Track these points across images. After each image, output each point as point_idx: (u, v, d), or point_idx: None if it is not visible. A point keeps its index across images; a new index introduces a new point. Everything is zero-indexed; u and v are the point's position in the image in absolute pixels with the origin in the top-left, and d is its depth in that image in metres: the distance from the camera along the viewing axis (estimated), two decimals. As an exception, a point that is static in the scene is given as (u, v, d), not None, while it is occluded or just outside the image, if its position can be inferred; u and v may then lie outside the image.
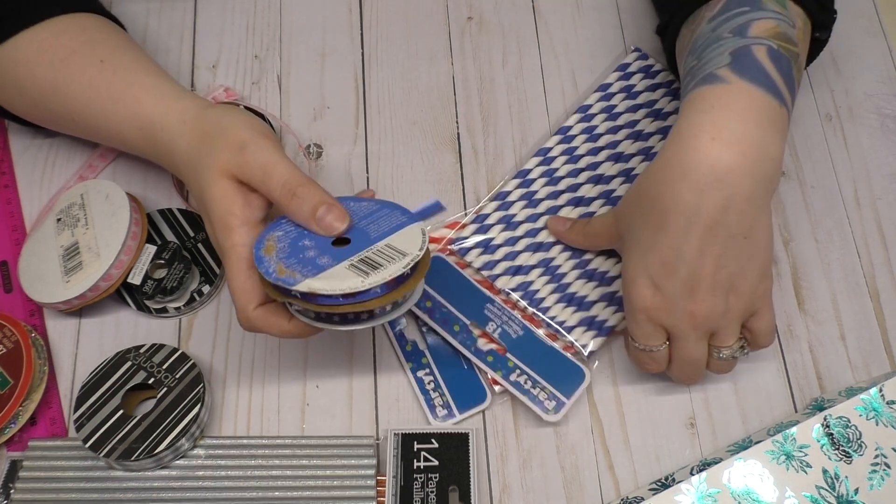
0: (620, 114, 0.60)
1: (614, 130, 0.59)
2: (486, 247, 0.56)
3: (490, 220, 0.57)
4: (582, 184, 0.58)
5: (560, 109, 0.62)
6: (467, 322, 0.54)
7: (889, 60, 0.64)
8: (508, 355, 0.53)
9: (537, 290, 0.55)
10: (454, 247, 0.56)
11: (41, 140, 0.60)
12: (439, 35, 0.64)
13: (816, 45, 0.54)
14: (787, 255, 0.58)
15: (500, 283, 0.55)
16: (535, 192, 0.58)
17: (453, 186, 0.59)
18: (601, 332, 0.54)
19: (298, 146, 0.60)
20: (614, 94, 0.61)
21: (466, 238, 0.57)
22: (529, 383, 0.52)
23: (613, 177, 0.58)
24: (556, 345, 0.53)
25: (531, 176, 0.58)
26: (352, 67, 0.63)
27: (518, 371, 0.52)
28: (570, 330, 0.54)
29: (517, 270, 0.55)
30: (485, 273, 0.55)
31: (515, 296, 0.55)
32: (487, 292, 0.55)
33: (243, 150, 0.45)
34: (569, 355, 0.53)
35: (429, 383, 0.52)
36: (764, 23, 0.47)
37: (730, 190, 0.44)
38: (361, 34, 0.64)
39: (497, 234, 0.56)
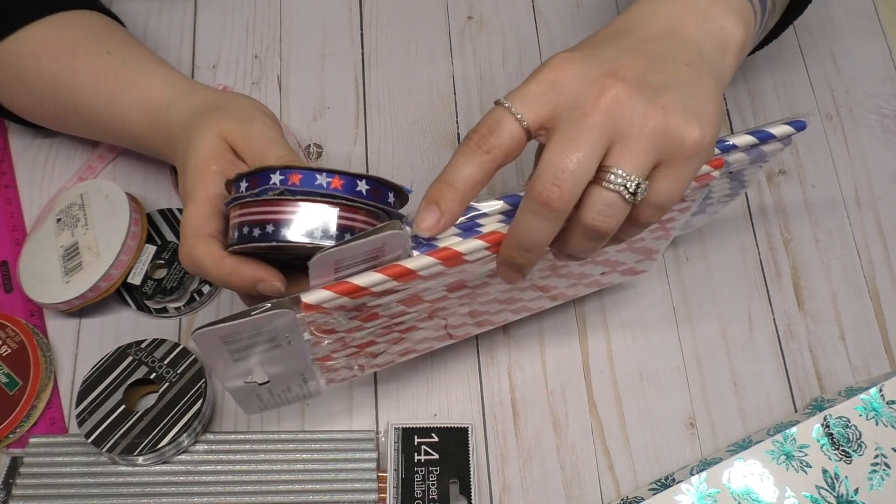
0: None
1: None
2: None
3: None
4: None
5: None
6: None
7: (889, 60, 0.64)
8: None
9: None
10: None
11: (41, 140, 0.60)
12: (439, 35, 0.64)
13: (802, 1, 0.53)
14: (787, 255, 0.58)
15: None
16: None
17: (453, 186, 0.59)
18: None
19: (298, 146, 0.60)
20: None
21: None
22: None
23: None
24: None
25: None
26: (352, 67, 0.63)
27: None
28: None
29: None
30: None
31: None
32: None
33: (253, 122, 0.46)
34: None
35: None
36: None
37: (672, 24, 0.39)
38: (361, 34, 0.64)
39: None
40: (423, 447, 0.51)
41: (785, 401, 0.54)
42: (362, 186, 0.39)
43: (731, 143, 0.42)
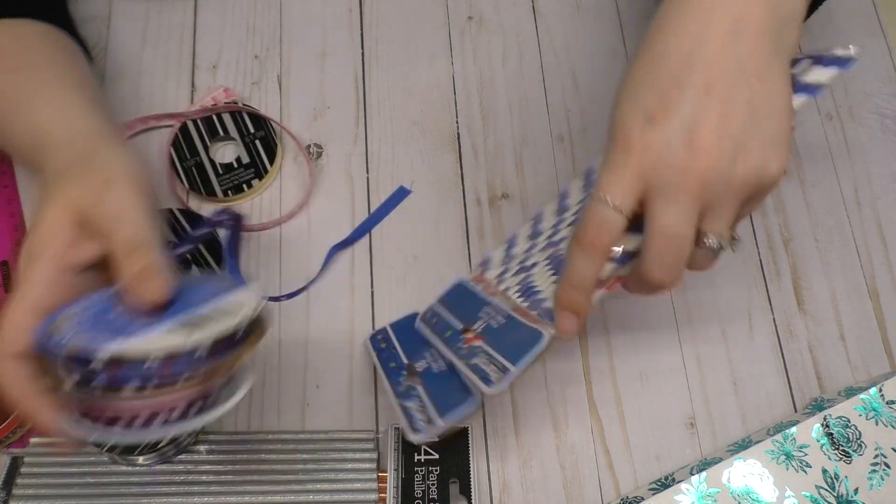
0: None
1: None
2: (507, 257, 0.52)
3: (518, 239, 0.53)
4: None
5: (560, 109, 0.62)
6: (459, 327, 0.50)
7: (889, 60, 0.64)
8: (481, 343, 0.47)
9: (533, 278, 0.49)
10: (481, 267, 0.53)
11: (41, 140, 0.60)
12: (439, 35, 0.64)
13: None
14: (787, 255, 0.58)
15: (505, 285, 0.50)
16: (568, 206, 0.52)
17: (453, 186, 0.59)
18: None
19: (298, 146, 0.60)
20: None
21: (492, 258, 0.53)
22: (485, 358, 0.46)
23: None
24: (524, 318, 0.46)
25: (568, 201, 0.52)
26: (352, 67, 0.63)
27: (480, 351, 0.47)
28: (540, 303, 0.47)
29: (521, 269, 0.50)
30: (498, 284, 0.51)
31: (513, 290, 0.49)
32: (491, 300, 0.50)
33: (108, 187, 0.40)
34: (528, 322, 0.45)
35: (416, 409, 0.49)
36: None
37: (739, 13, 0.37)
38: (361, 34, 0.64)
39: (520, 244, 0.52)
40: (423, 447, 0.51)
41: (785, 401, 0.54)
42: (201, 351, 0.35)
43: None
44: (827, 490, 0.48)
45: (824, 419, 0.50)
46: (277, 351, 0.54)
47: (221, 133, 0.59)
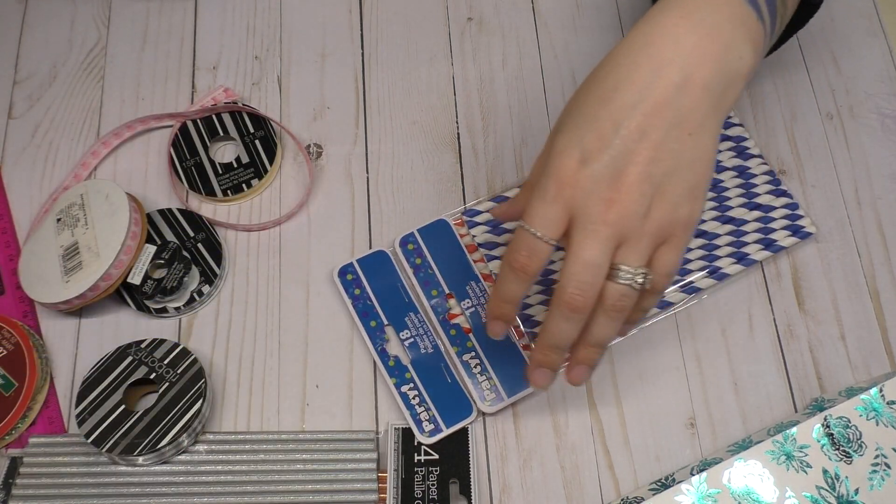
0: None
1: None
2: (495, 227, 0.57)
3: None
4: None
5: (560, 110, 0.62)
6: (446, 291, 0.55)
7: (889, 60, 0.64)
8: (471, 336, 0.53)
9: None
10: (465, 217, 0.57)
11: (40, 139, 0.60)
12: (439, 35, 0.64)
13: (808, 9, 0.54)
14: (787, 255, 0.58)
15: (493, 265, 0.55)
16: None
17: (453, 186, 0.59)
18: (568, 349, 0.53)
19: (298, 146, 0.60)
20: None
21: (480, 212, 0.57)
22: (479, 369, 0.52)
23: None
24: (519, 342, 0.53)
25: None
26: (352, 68, 0.63)
27: (473, 353, 0.53)
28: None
29: None
30: (483, 251, 0.56)
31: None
32: (476, 270, 0.55)
33: None
34: (526, 356, 0.53)
35: (413, 398, 0.52)
36: None
37: (689, 70, 0.41)
38: (361, 35, 0.64)
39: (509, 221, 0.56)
40: (423, 447, 0.51)
41: (785, 401, 0.54)
42: None
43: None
44: (827, 490, 0.48)
45: (825, 419, 0.49)
46: (277, 351, 0.54)
47: (221, 133, 0.59)
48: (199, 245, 0.56)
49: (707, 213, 0.57)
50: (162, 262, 0.54)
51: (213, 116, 0.60)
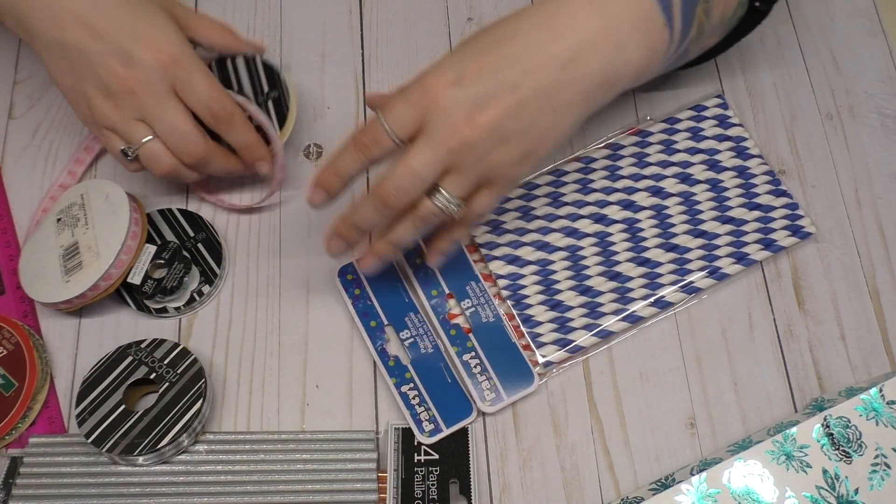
0: (678, 151, 0.59)
1: (664, 165, 0.59)
2: (495, 228, 0.57)
3: (509, 206, 0.57)
4: (611, 203, 0.57)
5: (560, 109, 0.62)
6: (446, 291, 0.55)
7: (889, 60, 0.64)
8: (471, 336, 0.53)
9: (524, 287, 0.55)
10: None
11: (40, 139, 0.60)
12: (439, 35, 0.64)
13: (755, 15, 0.54)
14: (787, 255, 0.58)
15: (492, 266, 0.55)
16: (563, 194, 0.58)
17: (453, 186, 0.59)
18: (568, 350, 0.54)
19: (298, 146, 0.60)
20: (679, 131, 0.60)
21: None
22: (479, 369, 0.52)
23: (644, 208, 0.57)
24: (519, 342, 0.53)
25: (565, 179, 0.58)
26: (352, 68, 0.63)
27: (473, 353, 0.53)
28: (539, 345, 0.53)
29: (514, 260, 0.56)
30: (483, 251, 0.56)
31: (502, 283, 0.55)
32: (476, 271, 0.55)
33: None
34: (527, 357, 0.53)
35: (413, 398, 0.52)
36: None
37: (577, 55, 0.43)
38: (361, 35, 0.64)
39: (510, 220, 0.57)
40: (423, 447, 0.51)
41: (785, 401, 0.54)
42: None
43: None
44: (827, 490, 0.48)
45: (825, 419, 0.50)
46: (277, 351, 0.54)
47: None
48: (199, 245, 0.56)
49: (707, 214, 0.57)
50: (162, 262, 0.54)
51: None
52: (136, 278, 0.54)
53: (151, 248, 0.55)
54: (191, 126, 0.50)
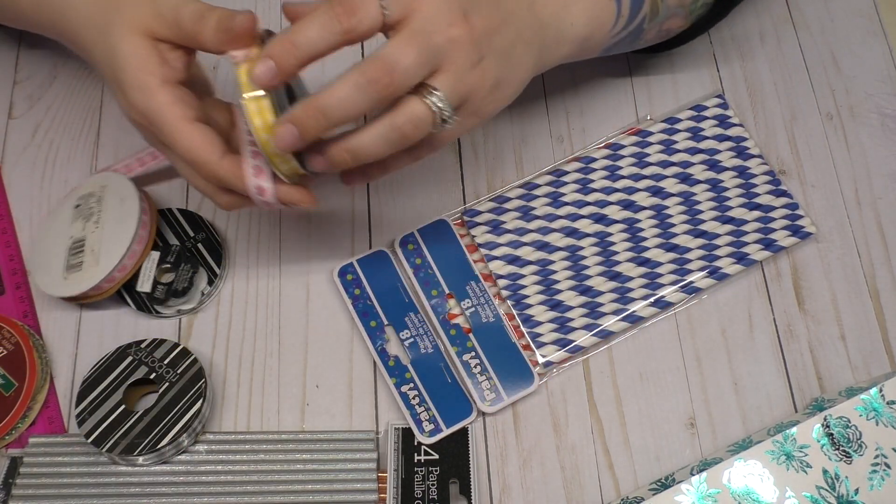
0: (678, 151, 0.59)
1: (664, 165, 0.59)
2: (495, 228, 0.57)
3: (509, 206, 0.57)
4: (611, 203, 0.57)
5: (560, 109, 0.62)
6: (446, 291, 0.55)
7: (889, 60, 0.64)
8: (471, 336, 0.53)
9: (524, 287, 0.55)
10: (465, 217, 0.57)
11: (41, 139, 0.60)
12: (439, 35, 0.64)
13: (722, 6, 0.55)
14: (787, 255, 0.58)
15: (492, 266, 0.55)
16: (563, 194, 0.58)
17: (453, 186, 0.59)
18: (568, 350, 0.54)
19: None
20: (679, 130, 0.60)
21: (480, 213, 0.57)
22: (479, 369, 0.52)
23: (644, 208, 0.57)
24: (519, 342, 0.54)
25: (565, 179, 0.58)
26: (352, 68, 0.63)
27: (473, 353, 0.53)
28: (539, 345, 0.54)
29: (514, 260, 0.56)
30: (483, 251, 0.56)
31: (502, 283, 0.55)
32: (476, 271, 0.55)
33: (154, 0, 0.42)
34: (527, 357, 0.53)
35: (413, 398, 0.52)
36: None
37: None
38: (361, 34, 0.64)
39: (510, 220, 0.57)
40: (423, 447, 0.51)
41: (785, 401, 0.54)
42: None
43: None
44: (827, 490, 0.48)
45: (825, 419, 0.50)
46: (277, 351, 0.54)
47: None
48: (200, 245, 0.56)
49: (707, 213, 0.57)
50: (168, 265, 0.54)
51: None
52: (145, 286, 0.53)
53: (155, 255, 0.54)
54: (194, 158, 0.43)
